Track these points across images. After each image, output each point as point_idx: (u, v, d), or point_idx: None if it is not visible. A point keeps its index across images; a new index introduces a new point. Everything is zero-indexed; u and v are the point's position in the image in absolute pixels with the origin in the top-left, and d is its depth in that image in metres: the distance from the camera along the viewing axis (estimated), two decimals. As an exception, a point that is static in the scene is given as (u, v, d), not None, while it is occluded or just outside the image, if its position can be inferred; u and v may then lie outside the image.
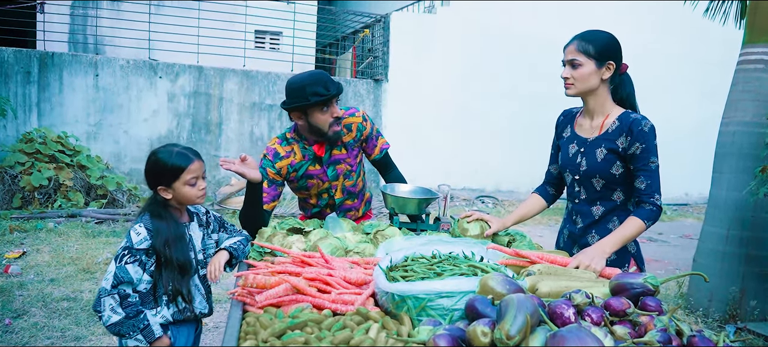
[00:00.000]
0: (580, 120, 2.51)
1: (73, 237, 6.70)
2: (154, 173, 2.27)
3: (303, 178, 2.94)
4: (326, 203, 3.05)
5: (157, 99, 9.84)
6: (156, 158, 2.27)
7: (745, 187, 4.64)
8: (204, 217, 2.48)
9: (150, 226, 2.22)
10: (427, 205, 2.79)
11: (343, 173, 2.98)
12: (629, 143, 2.30)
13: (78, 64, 9.37)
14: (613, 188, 2.39)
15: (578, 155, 2.44)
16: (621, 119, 2.35)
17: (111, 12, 10.39)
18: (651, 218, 2.29)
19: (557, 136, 2.63)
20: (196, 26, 10.09)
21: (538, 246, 2.59)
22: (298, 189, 3.03)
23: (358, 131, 2.94)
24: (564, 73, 2.39)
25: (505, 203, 11.02)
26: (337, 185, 2.99)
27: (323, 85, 2.70)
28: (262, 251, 2.30)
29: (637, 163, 2.30)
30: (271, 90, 10.42)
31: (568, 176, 2.51)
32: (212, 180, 10.09)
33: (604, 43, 2.34)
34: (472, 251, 2.03)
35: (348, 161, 2.97)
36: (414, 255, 1.98)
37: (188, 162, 2.26)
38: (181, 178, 2.24)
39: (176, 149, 2.30)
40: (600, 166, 2.36)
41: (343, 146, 2.93)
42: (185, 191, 2.26)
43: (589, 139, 2.42)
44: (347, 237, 2.45)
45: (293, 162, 2.89)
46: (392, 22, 11.09)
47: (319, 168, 2.92)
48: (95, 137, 9.51)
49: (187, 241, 2.32)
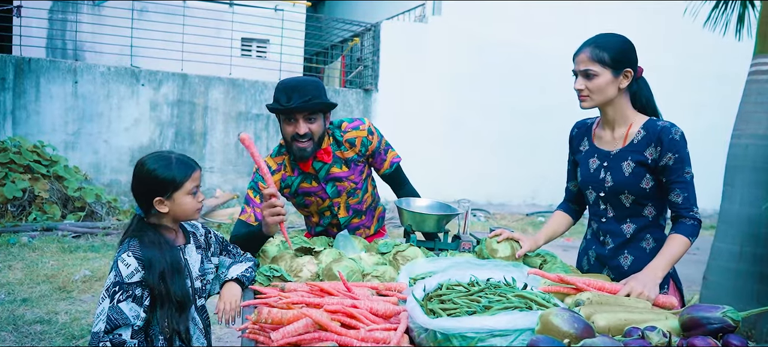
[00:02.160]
0: (599, 132, 2.28)
1: (49, 253, 6.32)
2: (149, 184, 1.97)
3: (299, 195, 2.65)
4: (329, 221, 2.75)
5: (139, 108, 9.49)
6: (150, 169, 1.98)
7: (759, 202, 4.45)
8: (203, 238, 2.17)
9: (140, 254, 1.91)
10: (447, 222, 2.54)
11: (347, 190, 2.67)
12: (660, 154, 2.08)
13: (56, 71, 8.99)
14: (644, 204, 2.16)
15: (601, 170, 2.20)
16: (647, 128, 2.13)
17: (91, 16, 10.03)
18: (694, 234, 2.07)
19: (573, 151, 2.39)
20: (181, 33, 9.76)
21: (572, 268, 2.34)
22: (298, 206, 2.75)
23: (362, 146, 2.63)
24: (577, 84, 2.15)
25: (496, 216, 10.81)
26: (340, 202, 2.69)
27: (287, 94, 2.39)
28: (269, 275, 2.02)
29: (671, 175, 2.08)
30: (257, 99, 10.12)
31: (590, 193, 2.26)
32: (196, 192, 9.73)
33: (620, 48, 2.11)
34: (512, 277, 1.78)
35: (351, 178, 2.66)
36: (448, 282, 1.71)
37: (191, 170, 2.01)
38: (183, 187, 1.98)
39: (173, 155, 2.02)
40: (628, 180, 2.13)
41: (344, 162, 2.63)
42: (186, 203, 1.99)
43: (613, 152, 2.19)
44: (363, 258, 2.19)
45: (285, 176, 2.61)
46: (383, 31, 10.88)
47: (315, 185, 2.63)
48: (74, 146, 9.11)
49: (184, 271, 2.02)
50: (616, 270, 2.20)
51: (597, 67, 2.09)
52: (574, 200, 2.48)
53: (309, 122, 2.43)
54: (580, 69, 2.13)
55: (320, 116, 2.47)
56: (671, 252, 2.05)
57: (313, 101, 2.40)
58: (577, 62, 2.15)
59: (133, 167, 2.04)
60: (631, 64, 2.12)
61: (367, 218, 2.84)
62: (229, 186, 9.88)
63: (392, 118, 10.86)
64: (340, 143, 2.61)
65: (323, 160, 2.58)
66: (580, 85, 2.14)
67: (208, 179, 9.88)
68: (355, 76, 11.39)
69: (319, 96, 2.43)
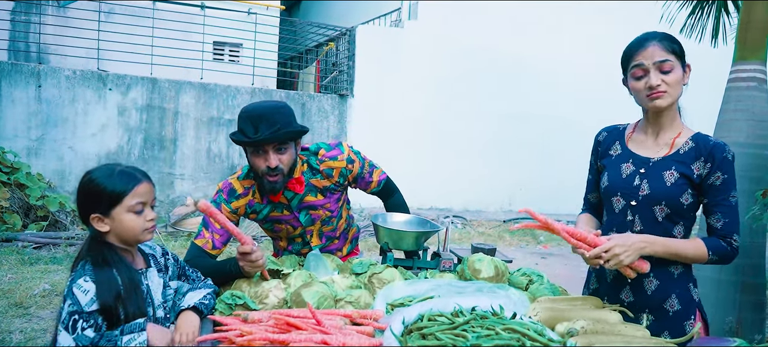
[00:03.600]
0: (637, 136, 2.07)
1: (7, 265, 6.01)
2: (87, 197, 1.75)
3: (268, 222, 2.45)
4: (300, 249, 2.56)
5: (107, 113, 9.16)
6: (90, 179, 1.76)
7: (741, 211, 4.37)
8: (162, 260, 1.94)
9: (95, 278, 1.69)
10: (427, 239, 2.37)
11: (322, 218, 2.50)
12: (709, 172, 1.90)
13: (18, 74, 8.63)
14: (676, 221, 1.96)
15: (636, 176, 1.99)
16: (697, 141, 1.95)
17: (56, 18, 9.67)
18: (718, 253, 1.90)
19: (599, 156, 2.16)
20: (150, 36, 9.47)
21: (562, 289, 2.19)
22: (265, 230, 2.55)
23: (340, 176, 2.45)
24: (653, 79, 1.89)
25: (473, 223, 10.70)
26: (313, 230, 2.52)
27: (254, 124, 2.17)
28: (231, 303, 1.82)
29: (717, 196, 1.91)
30: (230, 104, 9.86)
31: (618, 201, 2.03)
32: (166, 200, 9.44)
33: (680, 42, 1.95)
34: (499, 304, 1.62)
35: (326, 206, 2.49)
36: (430, 312, 1.55)
37: (134, 183, 1.76)
38: (123, 203, 1.74)
39: (119, 167, 1.79)
40: (669, 191, 1.92)
41: (319, 191, 2.44)
42: (128, 221, 1.74)
43: (654, 158, 1.99)
44: (335, 281, 2.01)
45: (252, 202, 2.39)
46: (358, 36, 10.71)
47: (287, 214, 2.44)
48: (37, 153, 8.76)
49: (143, 292, 1.79)
50: (638, 293, 1.98)
51: (673, 58, 1.89)
52: (593, 213, 2.24)
53: (279, 153, 2.22)
54: (656, 61, 1.89)
55: (291, 144, 2.26)
56: (679, 245, 1.90)
57: (283, 130, 2.18)
58: (646, 56, 1.90)
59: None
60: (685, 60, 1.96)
61: (340, 241, 2.68)
62: (200, 193, 9.60)
63: (368, 123, 10.71)
64: (315, 170, 2.42)
65: (295, 190, 2.38)
66: (656, 80, 1.89)
67: (178, 186, 9.60)
68: (330, 81, 11.20)
69: (289, 124, 2.22)
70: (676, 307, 1.96)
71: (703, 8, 6.58)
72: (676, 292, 1.96)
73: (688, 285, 1.99)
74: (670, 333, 1.94)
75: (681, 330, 1.95)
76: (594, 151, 2.20)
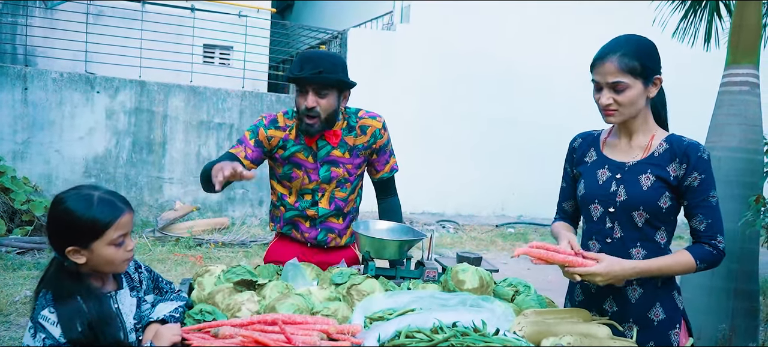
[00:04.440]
0: (612, 140, 2.02)
1: (-11, 272, 5.89)
2: (63, 228, 1.60)
3: (289, 163, 2.49)
4: (306, 207, 2.53)
5: (94, 116, 9.04)
6: (66, 208, 1.59)
7: (733, 216, 4.32)
8: (135, 275, 1.82)
9: (58, 312, 1.55)
10: (409, 248, 2.29)
11: (338, 178, 2.52)
12: (685, 173, 1.84)
13: (4, 77, 8.50)
14: (657, 226, 1.90)
15: (613, 182, 1.94)
16: (671, 142, 1.89)
17: (44, 20, 9.55)
18: (706, 260, 1.85)
19: (574, 163, 2.10)
20: (139, 38, 9.35)
21: (549, 301, 2.12)
22: (280, 178, 2.54)
23: (372, 136, 2.54)
24: (603, 99, 1.86)
25: (466, 227, 10.63)
26: (327, 189, 2.52)
27: (301, 64, 2.34)
28: (200, 319, 1.73)
29: (695, 198, 1.85)
30: (220, 107, 9.76)
31: (596, 209, 1.97)
32: (154, 204, 9.33)
33: (649, 55, 1.86)
34: (482, 320, 1.54)
35: (347, 167, 2.53)
36: (408, 329, 1.46)
37: (117, 214, 1.62)
38: (104, 237, 1.60)
39: (97, 193, 1.63)
40: (646, 195, 1.87)
41: (348, 149, 2.50)
42: (108, 255, 1.62)
43: (629, 163, 1.93)
44: (313, 293, 1.92)
45: (286, 137, 2.48)
46: (349, 39, 10.64)
47: (311, 161, 2.49)
48: (23, 156, 8.63)
49: (115, 323, 1.66)
50: (622, 302, 1.94)
51: (628, 79, 1.82)
52: (568, 220, 2.19)
53: (319, 96, 2.34)
54: (608, 81, 1.84)
55: (333, 92, 2.36)
56: (663, 263, 1.85)
57: (324, 74, 2.30)
58: (601, 73, 1.85)
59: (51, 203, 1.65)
60: (659, 70, 1.88)
61: (344, 223, 2.61)
62: (189, 198, 9.49)
63: (360, 127, 10.63)
64: (352, 127, 2.52)
65: (329, 141, 2.48)
66: (607, 100, 1.85)
67: (167, 190, 9.48)
68: (321, 84, 11.11)
69: (334, 71, 2.34)
70: (660, 316, 1.91)
71: (696, 12, 6.54)
72: (660, 301, 1.92)
73: (672, 293, 1.94)
74: (655, 343, 1.89)
75: (666, 340, 1.90)
76: (568, 158, 2.15)
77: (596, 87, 1.91)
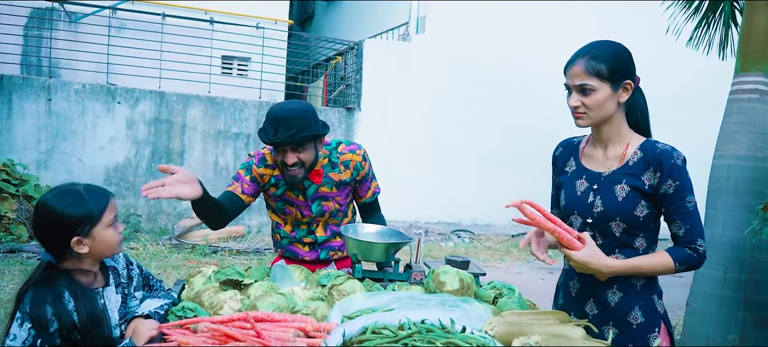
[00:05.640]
0: (589, 150, 2.04)
1: (9, 276, 6.06)
2: (60, 225, 1.71)
3: (281, 200, 2.64)
4: (303, 236, 2.67)
5: (115, 126, 9.27)
6: (57, 209, 1.72)
7: (742, 225, 4.28)
8: (124, 272, 1.92)
9: (46, 311, 1.64)
10: (396, 250, 2.33)
11: (331, 211, 2.67)
12: (659, 181, 1.86)
13: (29, 88, 8.77)
14: (635, 234, 1.92)
15: (590, 193, 1.96)
16: (644, 149, 1.90)
17: (68, 33, 9.82)
18: (685, 262, 1.85)
19: (557, 172, 2.14)
20: (159, 50, 9.58)
21: (530, 303, 2.14)
22: (275, 210, 2.69)
23: (354, 170, 2.66)
24: (572, 101, 1.91)
25: (481, 237, 10.60)
26: (321, 221, 2.67)
27: (274, 127, 2.38)
28: (182, 316, 1.79)
29: (672, 204, 1.86)
30: (237, 118, 9.92)
31: (576, 219, 2.00)
32: (172, 213, 9.49)
33: (618, 58, 1.89)
34: (450, 318, 1.57)
35: (337, 200, 2.67)
36: (375, 325, 1.50)
37: (107, 198, 1.79)
38: (102, 221, 1.75)
39: (81, 187, 1.79)
40: (621, 206, 1.89)
41: (334, 184, 2.64)
42: (108, 236, 1.77)
43: (605, 173, 1.95)
44: (296, 293, 1.97)
45: (277, 176, 2.60)
46: (365, 50, 10.73)
47: (301, 200, 2.62)
48: (46, 165, 8.87)
49: (104, 320, 1.75)
50: (601, 305, 1.96)
51: (594, 82, 1.86)
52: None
53: (297, 152, 2.43)
54: (575, 84, 1.89)
55: (310, 144, 2.47)
56: (643, 262, 1.87)
57: (299, 135, 2.37)
58: (571, 76, 1.90)
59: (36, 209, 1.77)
60: (631, 75, 1.91)
61: (343, 242, 2.73)
62: (206, 206, 9.64)
63: (375, 137, 10.69)
64: (334, 164, 2.63)
65: (313, 180, 2.60)
66: (575, 102, 1.90)
67: (185, 199, 9.63)
68: (337, 94, 11.22)
69: (307, 127, 2.40)
70: (639, 320, 1.91)
71: (710, 22, 6.47)
72: (639, 304, 1.92)
73: (652, 296, 1.94)
74: (634, 346, 1.89)
75: (645, 343, 1.90)
76: (553, 166, 2.18)
77: (567, 90, 1.95)
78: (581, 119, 1.92)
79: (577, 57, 1.91)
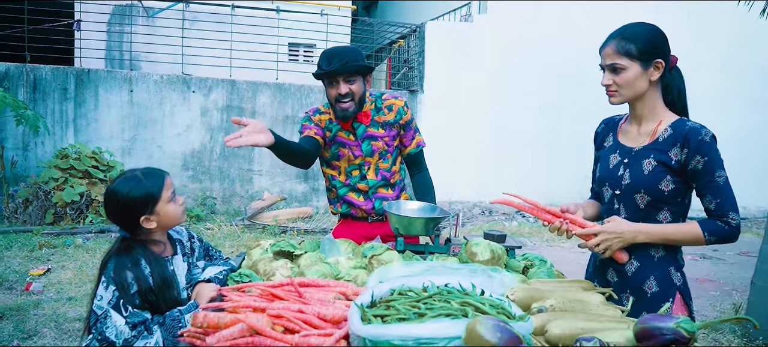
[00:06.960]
0: (626, 127, 2.17)
1: (99, 253, 6.65)
2: (128, 207, 1.99)
3: (335, 143, 2.89)
4: (356, 182, 2.91)
5: (190, 114, 9.83)
6: (124, 193, 1.99)
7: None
8: (188, 243, 2.22)
9: (127, 274, 1.92)
10: (436, 225, 2.50)
11: (379, 151, 2.91)
12: (687, 157, 1.95)
13: (113, 80, 9.45)
14: (659, 207, 2.02)
15: (620, 166, 2.09)
16: (675, 127, 2.00)
17: (146, 27, 10.47)
18: (716, 233, 1.94)
19: (597, 147, 2.28)
20: (229, 40, 10.06)
21: (559, 273, 2.27)
22: (330, 160, 2.94)
23: (397, 113, 2.92)
24: (605, 79, 2.05)
25: (546, 217, 10.55)
26: (371, 162, 2.91)
27: (328, 60, 2.69)
28: (239, 281, 2.05)
29: (702, 180, 1.95)
30: (304, 103, 10.29)
31: (606, 190, 2.14)
32: (245, 195, 10.00)
33: (648, 38, 1.99)
34: (472, 282, 1.74)
35: (385, 139, 2.91)
36: (402, 288, 1.69)
37: (163, 177, 2.06)
38: (162, 198, 2.03)
39: (138, 172, 2.05)
40: (646, 179, 2.00)
41: (381, 125, 2.89)
42: (170, 210, 2.05)
43: (635, 148, 2.07)
44: (340, 262, 2.19)
45: (331, 119, 2.89)
46: (427, 32, 10.83)
47: (352, 139, 2.88)
48: (129, 152, 9.55)
49: (174, 283, 2.04)
50: (620, 274, 2.09)
51: (624, 61, 1.99)
52: (597, 200, 2.33)
53: (349, 83, 2.71)
54: (607, 63, 2.04)
55: (359, 78, 2.74)
56: (672, 229, 1.99)
57: (350, 64, 2.67)
58: (603, 56, 2.06)
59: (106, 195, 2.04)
60: (662, 54, 2.01)
61: (395, 194, 2.97)
62: (276, 189, 10.09)
63: (438, 118, 10.81)
64: (379, 108, 2.90)
65: (362, 121, 2.86)
66: (607, 80, 2.05)
67: (256, 181, 10.13)
68: (401, 77, 11.39)
69: (357, 60, 2.71)
70: (654, 289, 2.00)
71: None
72: (655, 274, 2.01)
73: (669, 268, 2.02)
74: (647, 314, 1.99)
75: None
76: (594, 142, 2.28)
77: (601, 69, 2.08)
78: (613, 96, 2.06)
79: (610, 39, 2.05)
